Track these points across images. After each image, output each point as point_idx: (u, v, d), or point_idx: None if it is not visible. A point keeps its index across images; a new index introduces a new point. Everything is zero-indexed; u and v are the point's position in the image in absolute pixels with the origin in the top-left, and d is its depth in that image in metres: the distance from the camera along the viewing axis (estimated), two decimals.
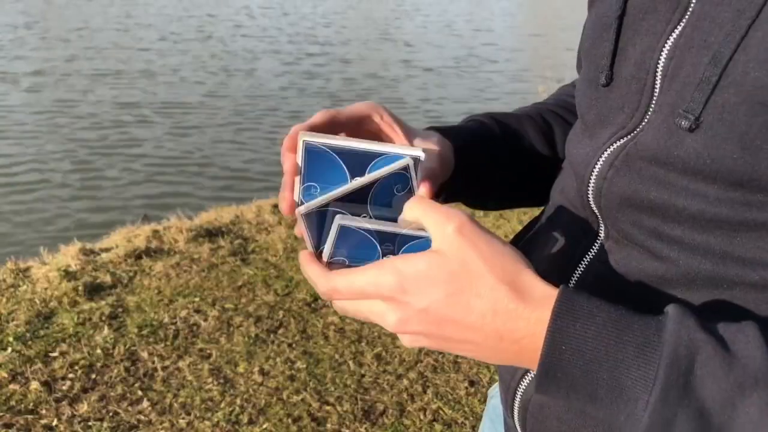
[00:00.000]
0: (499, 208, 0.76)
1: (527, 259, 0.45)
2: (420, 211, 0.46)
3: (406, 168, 0.48)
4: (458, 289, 0.43)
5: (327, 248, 0.48)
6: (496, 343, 0.43)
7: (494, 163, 0.69)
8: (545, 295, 0.43)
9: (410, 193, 0.49)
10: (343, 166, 0.49)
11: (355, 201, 0.49)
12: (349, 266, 0.49)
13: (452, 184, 0.65)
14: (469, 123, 0.71)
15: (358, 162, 0.49)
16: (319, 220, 0.49)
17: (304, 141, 0.48)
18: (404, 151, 0.49)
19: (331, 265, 0.50)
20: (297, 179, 0.51)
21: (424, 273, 0.43)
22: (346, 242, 0.48)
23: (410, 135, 0.59)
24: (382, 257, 0.48)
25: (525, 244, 0.66)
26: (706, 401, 0.39)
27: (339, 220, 0.46)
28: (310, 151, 0.49)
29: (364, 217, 0.49)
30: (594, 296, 0.43)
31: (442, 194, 0.67)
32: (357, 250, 0.48)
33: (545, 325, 0.42)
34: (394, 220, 0.49)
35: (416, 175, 0.49)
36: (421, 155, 0.49)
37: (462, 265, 0.43)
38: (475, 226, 0.44)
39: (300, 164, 0.50)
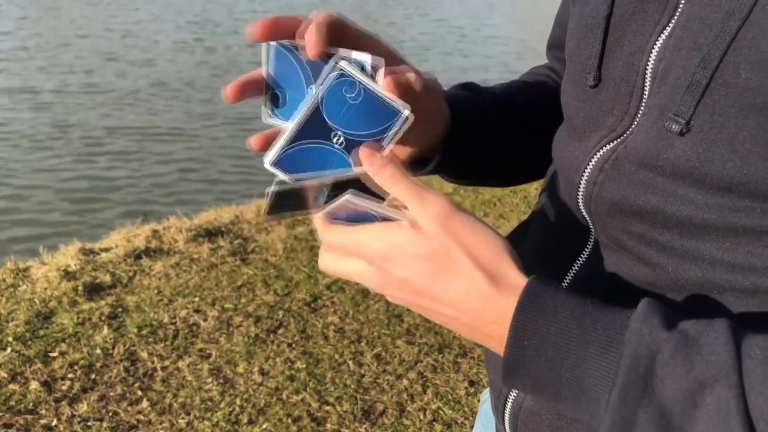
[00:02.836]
0: (470, 183, 0.74)
1: (512, 248, 0.46)
2: (403, 193, 0.46)
3: (343, 74, 0.47)
4: (437, 269, 0.44)
5: (329, 209, 0.49)
6: (469, 323, 0.45)
7: (484, 136, 0.67)
8: (518, 284, 0.44)
9: (366, 94, 0.48)
10: (300, 72, 0.49)
11: (315, 126, 0.49)
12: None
13: (443, 151, 0.63)
14: (464, 93, 0.68)
15: (315, 67, 0.49)
16: (292, 160, 0.50)
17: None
18: (359, 57, 0.48)
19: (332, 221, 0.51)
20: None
21: (408, 247, 0.44)
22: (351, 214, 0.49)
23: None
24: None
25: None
26: (667, 401, 0.38)
27: (348, 195, 0.46)
28: (278, 53, 0.48)
29: (336, 138, 0.49)
30: (562, 290, 0.43)
31: (429, 164, 0.64)
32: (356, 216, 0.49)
33: (512, 315, 0.43)
34: (365, 130, 0.48)
35: (372, 76, 0.47)
36: (368, 60, 0.47)
37: (442, 248, 0.44)
38: (458, 212, 0.45)
39: (267, 70, 0.49)
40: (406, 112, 0.48)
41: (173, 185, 5.00)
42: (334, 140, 0.49)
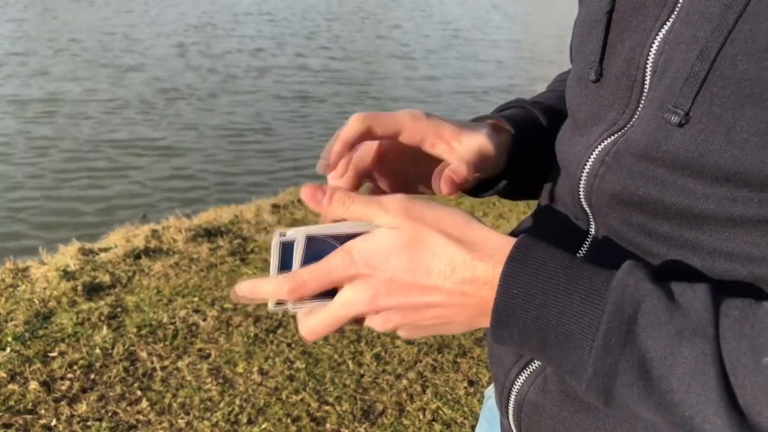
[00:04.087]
0: (527, 199, 0.78)
1: (478, 218, 0.48)
2: (361, 207, 0.48)
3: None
4: (415, 255, 0.45)
5: (296, 262, 0.49)
6: (461, 298, 0.46)
7: (545, 152, 0.68)
8: (501, 243, 0.46)
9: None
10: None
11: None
12: None
13: (501, 180, 0.67)
14: (518, 111, 0.70)
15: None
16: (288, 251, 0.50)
17: (306, 235, 0.48)
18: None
19: None
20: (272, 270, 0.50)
21: (382, 246, 0.46)
22: (312, 255, 0.49)
23: (458, 136, 0.59)
24: None
25: None
26: (648, 350, 0.40)
27: (305, 232, 0.48)
28: (310, 242, 0.49)
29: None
30: (552, 246, 0.45)
31: (488, 191, 0.68)
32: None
33: (500, 271, 0.44)
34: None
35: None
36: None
37: (414, 235, 0.46)
38: (416, 201, 0.48)
39: (277, 259, 0.49)
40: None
41: (173, 185, 5.00)
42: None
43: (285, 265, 0.49)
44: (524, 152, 0.65)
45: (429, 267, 0.45)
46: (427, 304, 0.46)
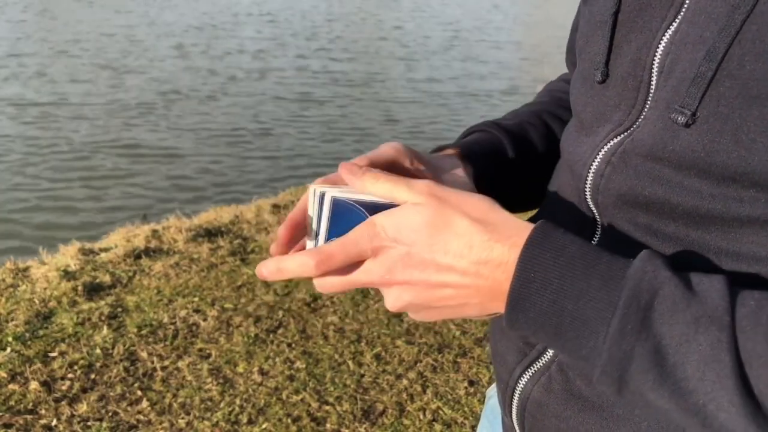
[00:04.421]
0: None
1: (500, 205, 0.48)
2: (388, 185, 0.49)
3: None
4: (436, 232, 0.46)
5: (323, 227, 0.51)
6: (475, 279, 0.46)
7: (507, 177, 0.70)
8: (521, 226, 0.46)
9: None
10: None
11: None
12: None
13: None
14: (481, 136, 0.71)
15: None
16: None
17: (332, 197, 0.50)
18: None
19: None
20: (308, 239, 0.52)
21: (405, 221, 0.47)
22: (339, 223, 0.50)
23: (437, 174, 0.61)
24: None
25: None
26: (663, 337, 0.40)
27: (330, 194, 0.49)
28: (337, 205, 0.50)
29: None
30: (570, 232, 0.46)
31: None
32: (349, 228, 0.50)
33: (519, 252, 0.44)
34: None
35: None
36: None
37: (437, 212, 0.46)
38: (441, 185, 0.49)
39: (316, 218, 0.51)
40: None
41: (173, 185, 5.00)
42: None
43: (319, 223, 0.51)
44: (489, 181, 0.66)
45: (447, 245, 0.46)
46: (441, 283, 0.47)
